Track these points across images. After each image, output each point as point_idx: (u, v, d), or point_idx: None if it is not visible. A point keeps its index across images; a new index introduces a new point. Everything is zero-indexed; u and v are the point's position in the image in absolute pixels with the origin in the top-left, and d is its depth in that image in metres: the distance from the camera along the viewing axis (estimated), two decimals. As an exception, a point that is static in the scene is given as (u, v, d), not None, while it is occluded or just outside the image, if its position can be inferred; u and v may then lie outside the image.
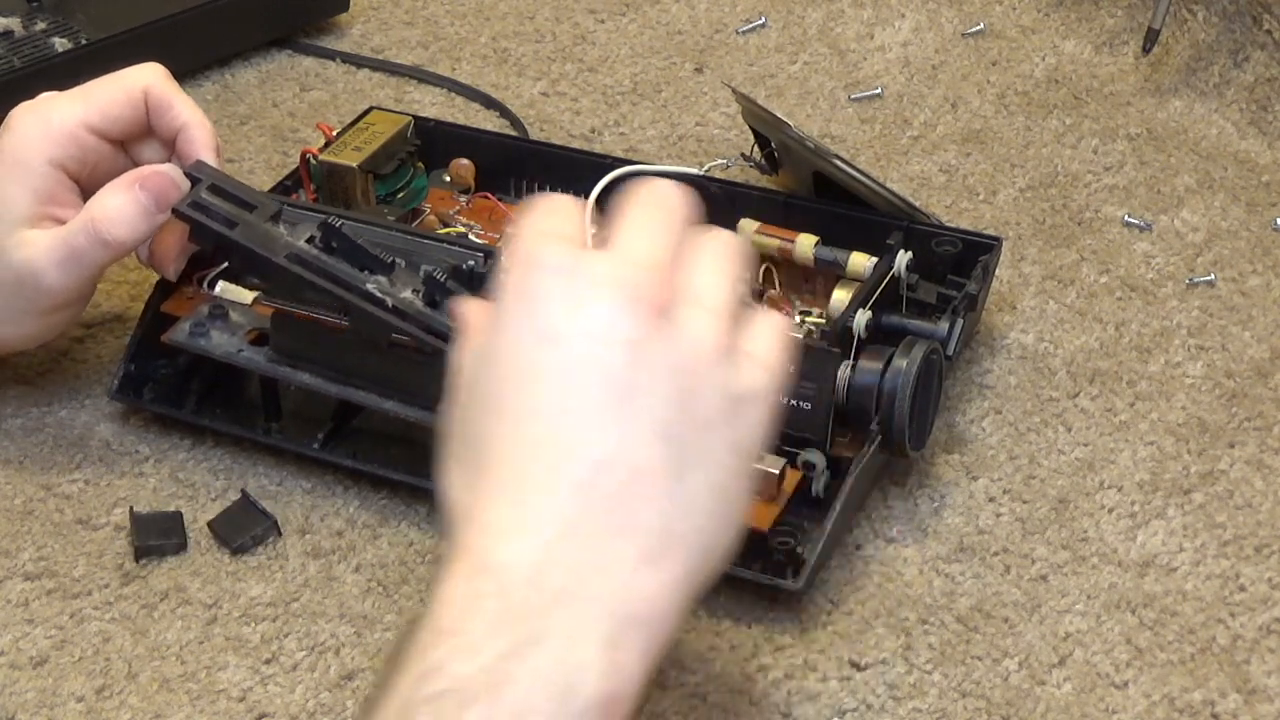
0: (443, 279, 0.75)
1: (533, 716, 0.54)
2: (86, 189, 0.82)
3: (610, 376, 0.58)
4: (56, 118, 0.81)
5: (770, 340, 0.62)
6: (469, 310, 0.63)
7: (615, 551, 0.57)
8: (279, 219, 0.79)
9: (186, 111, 0.83)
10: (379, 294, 0.76)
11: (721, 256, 0.62)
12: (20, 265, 0.79)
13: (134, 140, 0.84)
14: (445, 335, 0.75)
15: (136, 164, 0.84)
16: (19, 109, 0.82)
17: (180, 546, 0.78)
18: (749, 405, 0.60)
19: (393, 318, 0.76)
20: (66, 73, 1.04)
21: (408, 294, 0.76)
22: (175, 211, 0.79)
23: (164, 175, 0.80)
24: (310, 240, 0.78)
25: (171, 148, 0.83)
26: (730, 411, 0.59)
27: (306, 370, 0.80)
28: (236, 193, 0.80)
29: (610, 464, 0.57)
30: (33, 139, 0.81)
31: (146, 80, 0.83)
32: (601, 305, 0.59)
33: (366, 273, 0.77)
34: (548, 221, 0.62)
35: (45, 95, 0.84)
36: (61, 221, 0.81)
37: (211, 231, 0.79)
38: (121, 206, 0.79)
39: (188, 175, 0.80)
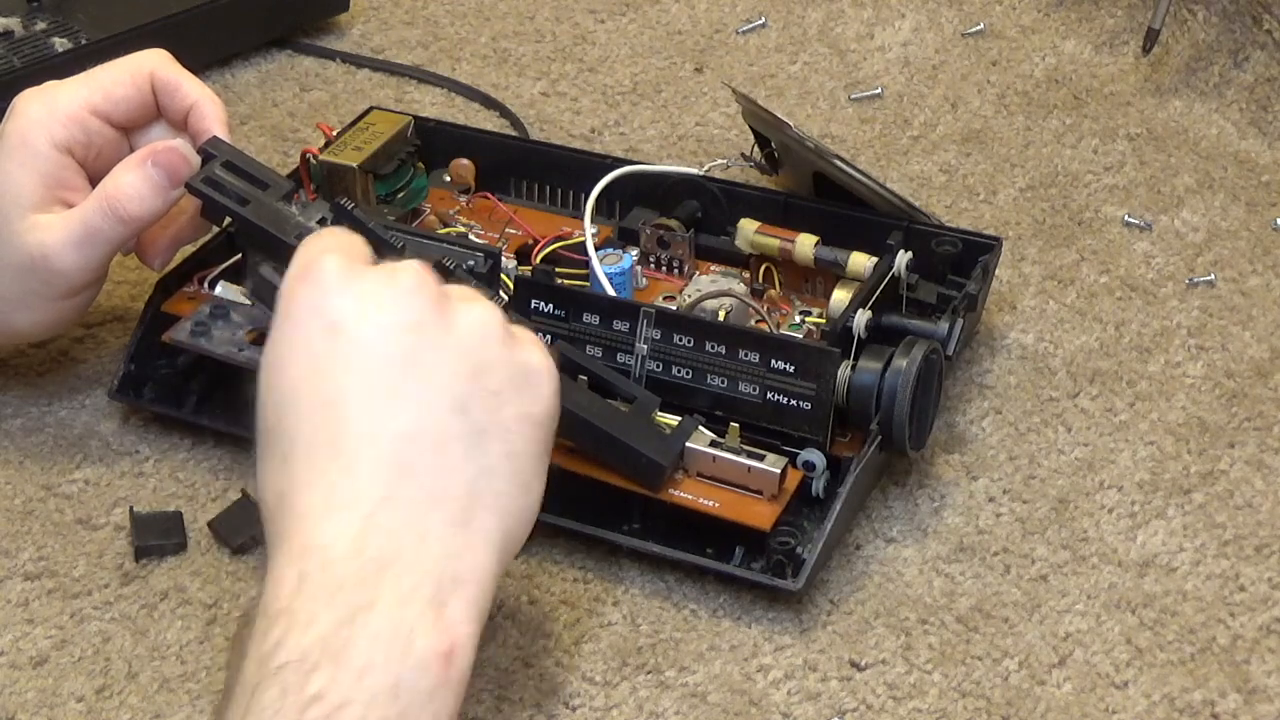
0: (453, 266, 0.75)
1: (374, 674, 0.58)
2: (92, 175, 0.82)
3: (398, 359, 0.63)
4: (62, 100, 0.81)
5: (533, 336, 0.67)
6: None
7: (428, 518, 0.62)
8: (291, 199, 0.79)
9: (195, 89, 0.83)
10: None
11: (470, 289, 0.68)
12: (34, 248, 0.79)
13: (138, 126, 0.84)
14: None
15: (138, 148, 0.83)
16: (24, 94, 0.82)
17: (180, 546, 0.78)
18: (536, 378, 0.65)
19: None
20: (66, 73, 1.04)
21: None
22: (189, 186, 0.79)
23: (175, 150, 0.80)
24: (322, 221, 0.77)
25: (180, 129, 0.83)
26: (519, 383, 0.65)
27: None
28: (250, 170, 0.79)
29: (411, 437, 0.62)
30: (38, 122, 0.81)
31: (152, 63, 0.83)
32: (382, 295, 0.64)
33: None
34: (327, 240, 0.67)
35: (48, 83, 0.83)
36: (69, 205, 0.80)
37: (223, 208, 0.78)
38: (135, 183, 0.79)
39: (202, 151, 0.80)
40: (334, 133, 0.92)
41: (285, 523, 0.62)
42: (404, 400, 0.63)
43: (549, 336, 0.80)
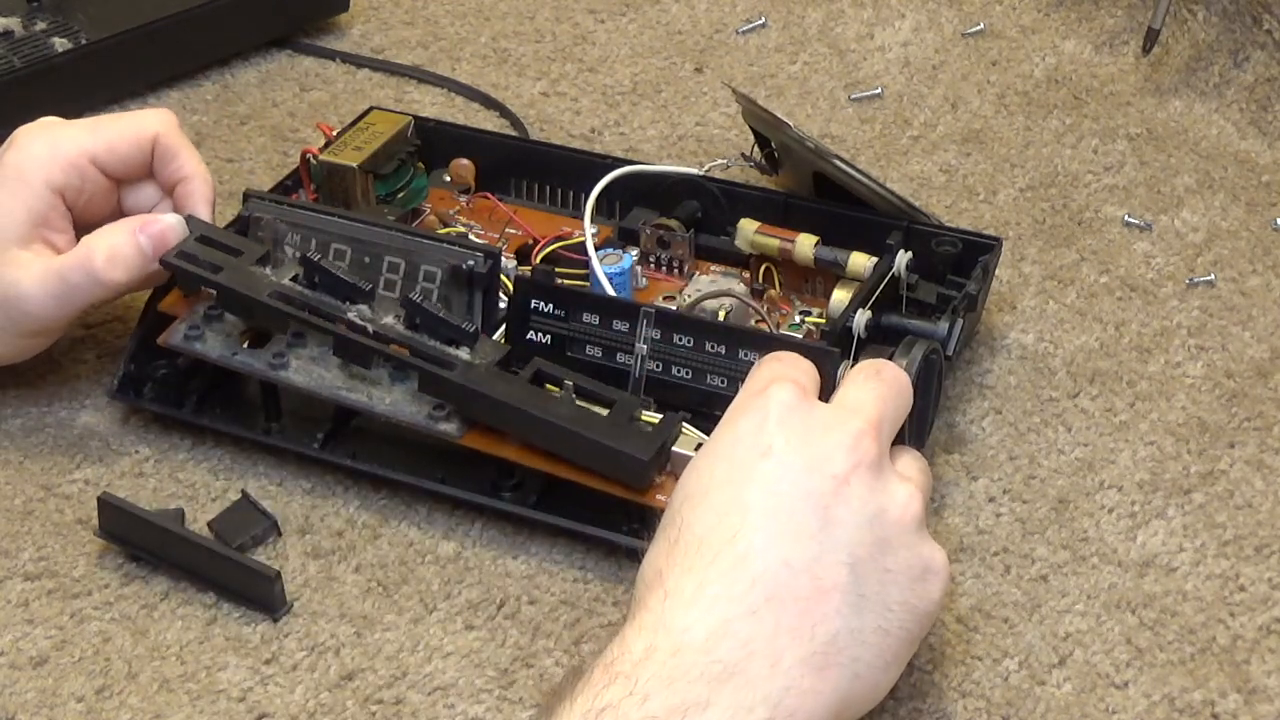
0: (420, 300, 0.78)
1: None
2: (77, 219, 0.83)
3: (813, 498, 0.65)
4: (65, 144, 0.82)
5: (935, 544, 0.68)
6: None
7: (785, 647, 0.62)
8: (266, 261, 0.81)
9: (191, 164, 0.84)
10: (360, 322, 0.78)
11: (920, 466, 0.70)
12: (8, 285, 0.80)
13: (131, 180, 0.85)
14: (426, 355, 0.77)
15: (125, 202, 0.85)
16: (28, 128, 0.84)
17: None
18: (931, 576, 0.66)
19: (375, 343, 0.78)
20: (66, 73, 1.04)
21: (389, 319, 0.78)
22: (162, 261, 0.81)
23: (168, 225, 0.81)
24: (294, 278, 0.80)
25: (167, 193, 0.85)
26: (914, 574, 0.66)
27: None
28: (225, 241, 0.82)
29: (796, 570, 0.63)
30: (38, 160, 0.82)
31: (157, 127, 0.84)
32: (821, 438, 0.66)
33: (348, 302, 0.79)
34: (783, 368, 0.70)
35: (51, 120, 0.84)
36: (51, 244, 0.82)
37: (196, 277, 0.80)
38: (121, 247, 0.80)
39: None
40: (334, 133, 0.92)
41: (651, 596, 0.63)
42: (803, 536, 0.64)
43: (548, 336, 0.80)
